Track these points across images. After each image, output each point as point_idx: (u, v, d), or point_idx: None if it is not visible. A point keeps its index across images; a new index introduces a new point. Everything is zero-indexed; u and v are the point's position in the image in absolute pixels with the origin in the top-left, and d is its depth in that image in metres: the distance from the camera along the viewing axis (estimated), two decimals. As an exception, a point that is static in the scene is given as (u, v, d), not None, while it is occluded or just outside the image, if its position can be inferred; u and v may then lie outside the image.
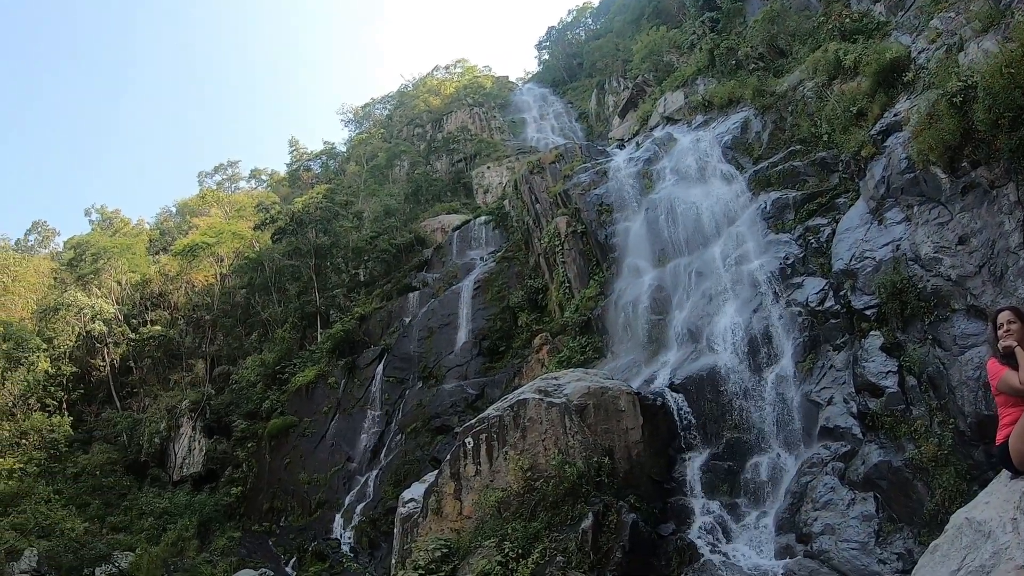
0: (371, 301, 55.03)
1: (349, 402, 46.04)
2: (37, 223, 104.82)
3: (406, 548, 21.69)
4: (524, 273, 43.11)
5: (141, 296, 73.86)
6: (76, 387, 62.73)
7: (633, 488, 18.99)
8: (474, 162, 79.30)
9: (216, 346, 64.28)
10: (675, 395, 21.73)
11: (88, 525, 45.37)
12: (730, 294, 24.16)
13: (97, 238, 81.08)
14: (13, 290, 70.99)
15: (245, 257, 67.91)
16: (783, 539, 17.23)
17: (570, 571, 16.62)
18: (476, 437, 20.80)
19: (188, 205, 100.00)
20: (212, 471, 51.63)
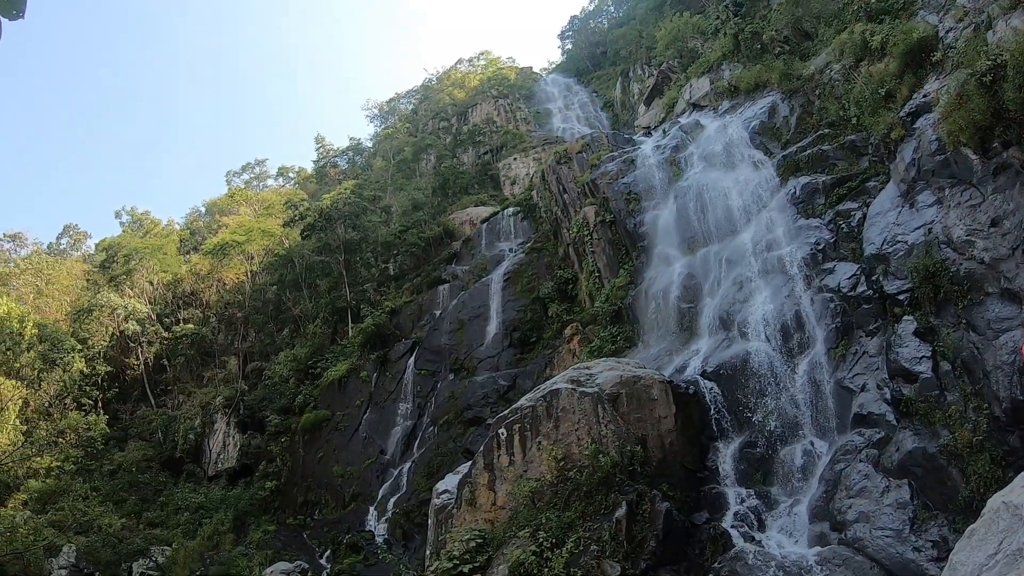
0: (401, 295, 55.29)
1: (381, 395, 46.32)
2: (68, 226, 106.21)
3: (441, 539, 21.83)
4: (553, 264, 43.10)
5: (173, 295, 74.76)
6: (111, 386, 63.74)
7: (666, 477, 19.02)
8: (500, 154, 79.28)
9: (248, 343, 64.90)
10: (708, 383, 21.66)
11: (125, 521, 46.02)
12: (761, 281, 24.03)
13: (128, 239, 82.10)
14: (47, 293, 72.21)
15: (275, 254, 68.42)
16: (817, 527, 17.16)
17: (604, 560, 16.67)
18: (509, 428, 20.87)
19: (217, 204, 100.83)
20: (246, 466, 52.18)
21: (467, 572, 18.05)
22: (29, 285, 72.90)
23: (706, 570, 16.96)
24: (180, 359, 67.33)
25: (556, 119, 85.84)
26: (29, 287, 72.54)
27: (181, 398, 63.05)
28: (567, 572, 16.65)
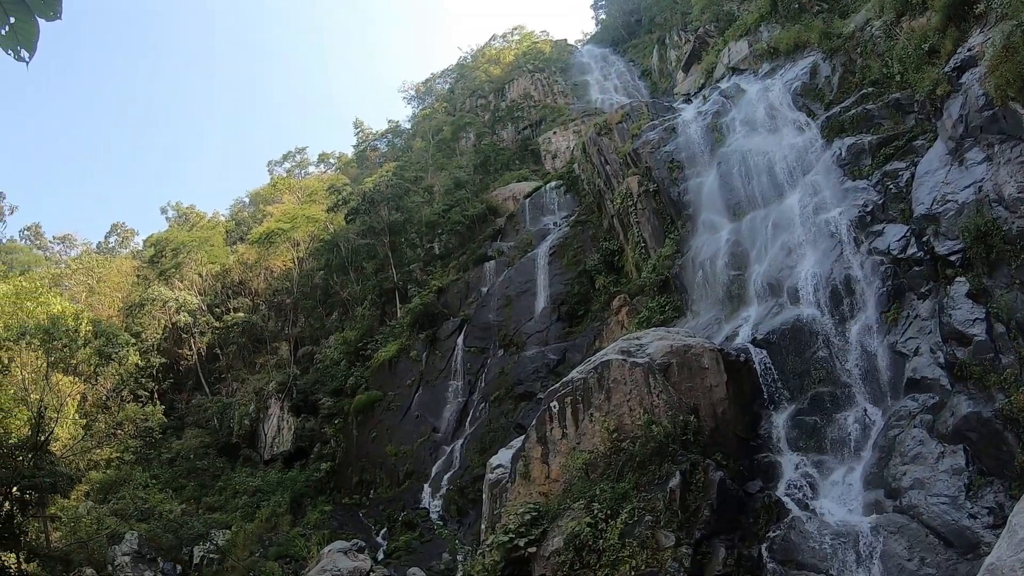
0: (448, 273, 55.58)
1: (432, 374, 46.74)
2: (116, 225, 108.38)
3: (495, 513, 22.06)
4: (598, 236, 42.99)
5: (222, 285, 76.07)
6: (166, 377, 65.27)
7: (719, 446, 19.01)
8: (539, 128, 79.02)
9: (298, 328, 65.77)
10: (758, 350, 21.50)
11: (185, 506, 47.20)
12: (809, 245, 23.70)
13: (175, 234, 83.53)
14: (99, 290, 73.82)
15: (320, 240, 69.12)
16: (871, 494, 17.03)
17: (659, 530, 16.77)
18: (561, 401, 20.96)
19: (260, 194, 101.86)
20: (301, 448, 53.09)
21: (523, 545, 18.29)
22: (81, 284, 74.61)
23: (760, 539, 16.99)
24: (232, 347, 68.56)
25: (594, 90, 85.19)
26: (81, 286, 74.21)
27: (235, 385, 64.25)
28: (622, 543, 16.79)
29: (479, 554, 21.76)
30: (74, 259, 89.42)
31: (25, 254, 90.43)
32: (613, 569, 16.59)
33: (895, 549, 15.26)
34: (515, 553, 18.40)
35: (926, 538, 15.16)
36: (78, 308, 56.93)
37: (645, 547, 16.61)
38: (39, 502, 30.35)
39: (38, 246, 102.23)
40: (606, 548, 16.93)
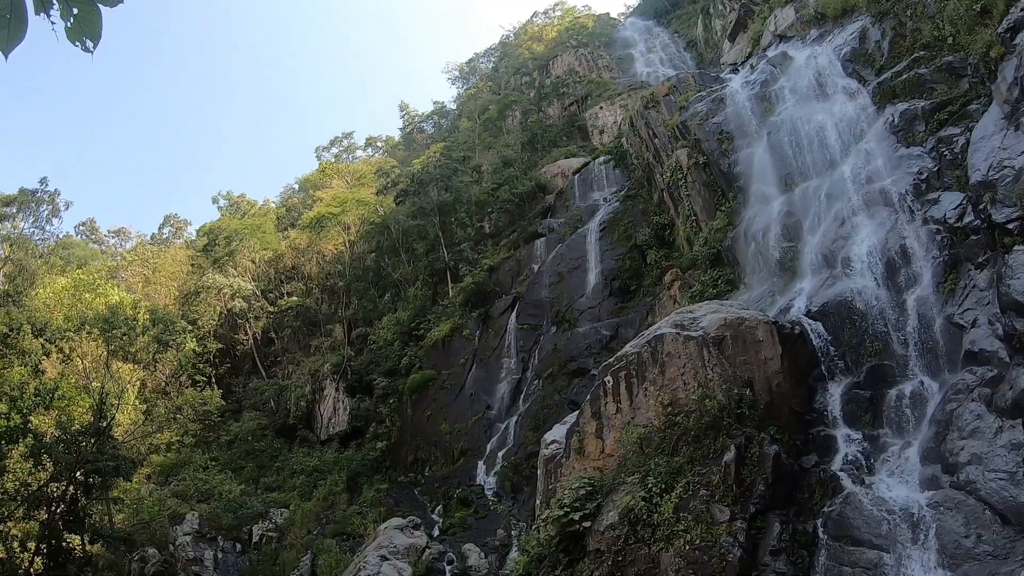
0: (498, 252, 55.72)
1: (485, 352, 46.99)
2: (169, 216, 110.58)
3: (550, 488, 22.17)
4: (649, 210, 42.73)
5: (275, 271, 77.19)
6: (223, 362, 66.66)
7: (774, 420, 18.86)
8: (586, 104, 78.49)
9: (351, 310, 66.48)
10: (813, 323, 21.19)
11: (244, 487, 48.24)
12: (863, 215, 23.22)
13: (227, 222, 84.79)
14: (155, 280, 75.45)
15: (371, 222, 69.64)
16: (928, 470, 16.74)
17: (714, 504, 16.74)
18: (615, 375, 20.94)
19: (309, 180, 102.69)
20: (357, 428, 53.82)
21: (577, 520, 18.37)
22: (137, 275, 76.33)
23: (815, 514, 16.87)
24: (287, 331, 69.60)
25: (639, 63, 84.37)
26: (137, 277, 75.94)
27: (290, 368, 65.24)
28: (676, 517, 16.80)
29: (534, 529, 21.91)
30: (129, 251, 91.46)
31: (81, 249, 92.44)
32: (667, 543, 16.61)
33: (951, 526, 15.03)
34: (570, 528, 18.49)
35: (983, 514, 14.88)
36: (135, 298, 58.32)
37: (700, 521, 16.61)
38: (102, 485, 31.23)
39: (94, 240, 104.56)
40: (661, 522, 16.96)
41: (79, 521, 30.71)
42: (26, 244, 48.55)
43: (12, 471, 31.14)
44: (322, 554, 34.49)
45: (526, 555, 20.87)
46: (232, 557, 40.61)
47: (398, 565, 30.62)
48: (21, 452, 30.71)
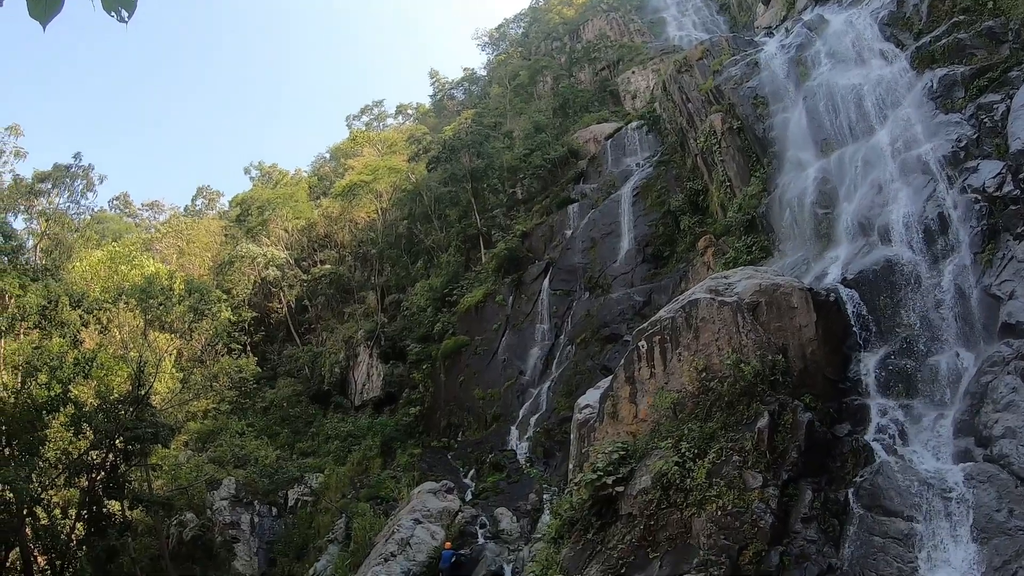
0: (531, 217, 55.73)
1: (518, 318, 47.16)
2: (201, 188, 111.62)
3: (583, 452, 22.28)
4: (682, 176, 42.48)
5: (308, 239, 77.87)
6: (257, 330, 67.64)
7: (808, 387, 18.80)
8: (617, 68, 77.86)
9: (384, 277, 66.98)
10: (848, 291, 20.95)
11: (279, 452, 49.13)
12: (901, 182, 22.81)
13: (260, 192, 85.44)
14: (189, 251, 76.42)
15: (403, 190, 69.84)
16: (961, 442, 16.62)
17: (746, 471, 16.77)
18: (649, 340, 20.94)
19: (341, 149, 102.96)
20: (390, 394, 54.45)
21: (610, 484, 18.47)
22: (171, 247, 77.29)
23: (847, 483, 16.81)
24: (320, 298, 70.30)
25: (671, 27, 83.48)
26: (171, 249, 76.89)
27: (324, 335, 66.00)
28: (709, 482, 16.85)
29: (567, 493, 22.09)
30: (163, 223, 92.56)
31: (116, 223, 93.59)
32: (700, 508, 16.67)
33: (984, 499, 14.92)
34: (603, 491, 18.62)
35: (1016, 489, 14.74)
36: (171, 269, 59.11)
37: (732, 487, 16.62)
38: (141, 452, 31.84)
39: (127, 214, 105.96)
40: (693, 487, 16.99)
41: (119, 487, 31.37)
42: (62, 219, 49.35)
43: (53, 440, 31.84)
44: (356, 517, 35.06)
45: (558, 518, 21.07)
46: (268, 521, 41.45)
47: (431, 528, 31.10)
48: (61, 421, 31.35)
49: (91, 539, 30.34)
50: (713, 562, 15.66)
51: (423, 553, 29.83)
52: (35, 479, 27.90)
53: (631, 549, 17.39)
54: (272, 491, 43.17)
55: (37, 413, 29.33)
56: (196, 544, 39.44)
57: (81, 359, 33.47)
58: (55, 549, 28.80)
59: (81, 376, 32.87)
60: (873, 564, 15.14)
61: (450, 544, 29.45)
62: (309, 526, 39.91)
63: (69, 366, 31.95)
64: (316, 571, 34.46)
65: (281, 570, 37.90)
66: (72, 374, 31.58)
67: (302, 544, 38.88)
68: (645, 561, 16.94)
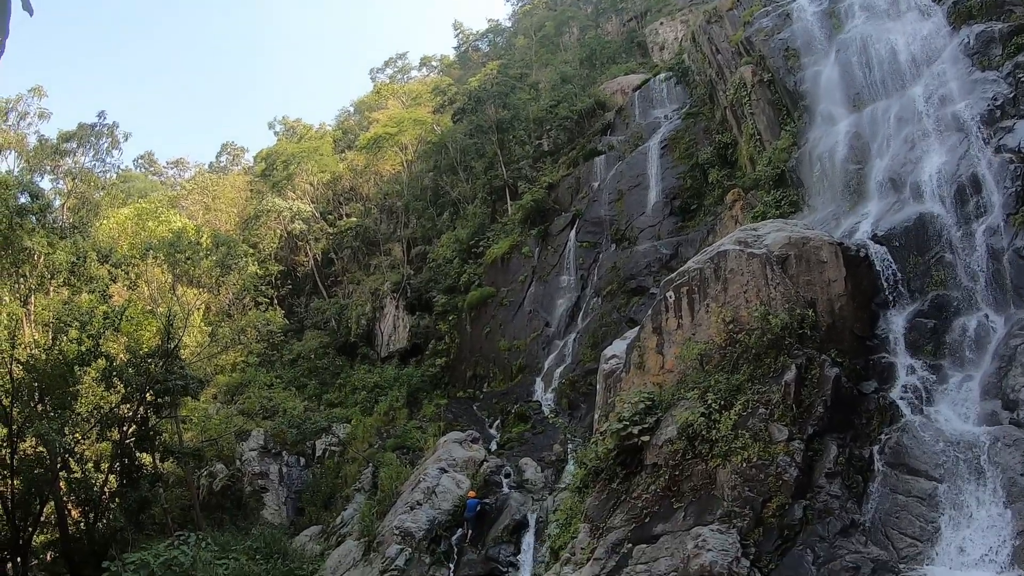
0: (557, 169, 55.47)
1: (544, 269, 47.23)
2: (226, 144, 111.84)
3: (609, 402, 22.43)
4: (711, 128, 42.09)
5: (333, 193, 78.14)
6: (284, 283, 68.41)
7: (835, 343, 18.79)
8: (645, 19, 76.83)
9: (410, 229, 67.12)
10: (878, 247, 20.77)
11: (307, 403, 49.95)
12: (934, 139, 22.50)
13: (284, 146, 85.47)
14: (215, 207, 76.93)
15: (428, 142, 69.66)
16: (988, 405, 16.61)
17: (772, 423, 16.86)
18: (677, 291, 20.96)
19: (365, 102, 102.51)
20: (416, 345, 54.90)
21: (636, 433, 18.60)
22: (197, 204, 77.82)
23: (872, 440, 16.91)
24: (346, 251, 70.67)
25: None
26: (197, 205, 77.42)
27: (351, 287, 66.43)
28: (735, 434, 16.96)
29: (592, 442, 22.25)
30: (188, 181, 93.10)
31: (141, 181, 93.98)
32: (725, 459, 16.80)
33: (1009, 462, 14.99)
34: (628, 441, 18.74)
35: (1041, 454, 14.77)
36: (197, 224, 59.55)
37: (758, 439, 16.73)
38: (171, 405, 32.34)
39: (152, 172, 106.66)
40: (719, 439, 17.12)
41: (150, 440, 31.92)
42: (88, 177, 49.70)
43: (85, 395, 32.33)
44: (383, 467, 35.60)
45: (583, 468, 21.24)
46: (296, 470, 42.17)
47: (456, 477, 31.53)
48: (92, 376, 31.77)
49: (123, 491, 30.96)
50: (737, 513, 15.84)
51: (448, 501, 30.29)
52: (68, 432, 28.37)
53: (655, 499, 17.59)
54: (300, 441, 43.89)
55: (68, 368, 29.75)
56: (226, 494, 40.30)
57: (111, 313, 33.89)
58: (88, 501, 29.44)
59: (111, 330, 33.27)
60: (895, 522, 15.27)
61: (474, 493, 29.87)
62: (336, 475, 40.57)
63: (99, 320, 32.34)
64: (343, 519, 35.08)
65: (309, 518, 38.55)
66: (102, 328, 31.97)
67: (329, 493, 39.57)
68: (669, 511, 17.15)
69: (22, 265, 35.22)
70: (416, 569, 27.95)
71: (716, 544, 15.19)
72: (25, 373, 28.72)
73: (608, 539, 17.53)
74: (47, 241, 35.23)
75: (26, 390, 28.70)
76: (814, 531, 15.37)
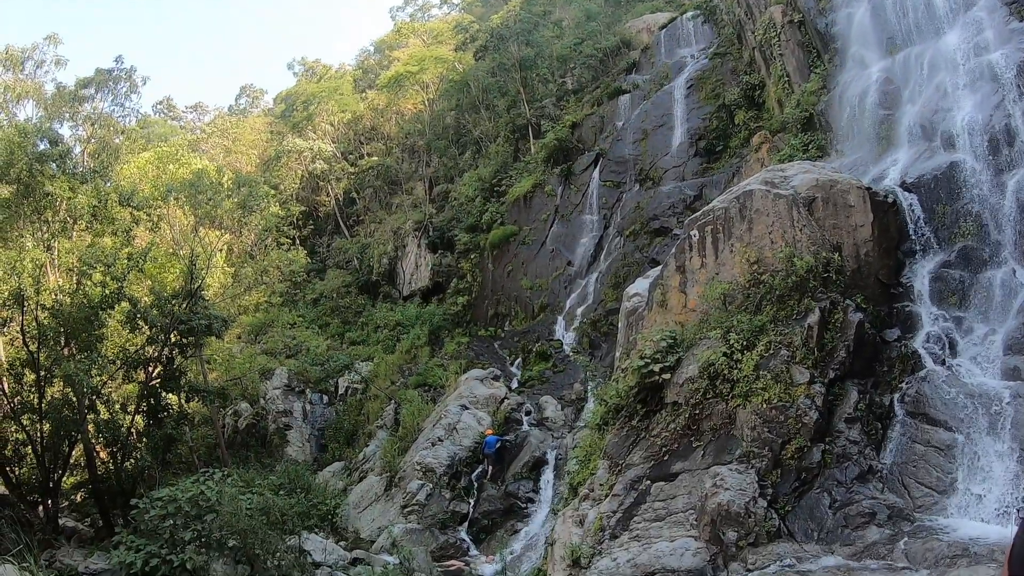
0: (581, 108, 54.99)
1: (567, 208, 47.18)
2: (245, 87, 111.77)
3: (631, 340, 22.58)
4: (739, 69, 41.45)
5: (354, 133, 77.86)
6: (306, 224, 68.74)
7: (860, 288, 18.77)
8: (673, -44, 75.05)
9: (432, 168, 66.96)
10: (907, 194, 20.55)
11: (330, 342, 50.61)
12: (967, 88, 21.94)
13: (304, 87, 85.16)
14: (235, 150, 77.03)
15: (450, 80, 68.90)
16: (1011, 360, 16.46)
17: (794, 366, 16.93)
18: (701, 229, 20.93)
19: (385, 41, 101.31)
20: (438, 284, 55.23)
21: (657, 371, 18.70)
22: (217, 147, 77.94)
23: (893, 388, 16.97)
24: (368, 191, 70.73)
25: (731, -88, 79.78)
26: (218, 148, 77.54)
27: (373, 226, 66.65)
28: (756, 374, 17.02)
29: (613, 380, 22.46)
30: (208, 124, 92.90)
31: (161, 126, 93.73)
32: (745, 400, 16.92)
33: (1030, 419, 14.96)
34: (649, 379, 18.85)
35: (1063, 412, 14.77)
36: (219, 165, 59.68)
37: (779, 381, 16.79)
38: (196, 345, 32.68)
39: (172, 117, 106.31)
40: (740, 379, 17.20)
41: (175, 380, 32.29)
42: (108, 122, 49.58)
43: (110, 338, 32.88)
44: (405, 404, 36.12)
45: (603, 405, 21.46)
46: (320, 408, 42.90)
47: (478, 414, 31.97)
48: (118, 319, 32.14)
49: (150, 431, 31.49)
50: (756, 454, 16.03)
51: (469, 438, 30.79)
52: (95, 375, 28.76)
53: (675, 437, 17.80)
54: (323, 379, 44.51)
55: (93, 311, 30.02)
56: (250, 432, 41.12)
57: (135, 255, 34.18)
58: (116, 442, 29.89)
59: (135, 271, 33.54)
60: (913, 471, 15.40)
61: (492, 431, 30.33)
62: (359, 413, 41.19)
63: (123, 263, 32.55)
64: (365, 455, 35.72)
65: (332, 455, 39.29)
66: (126, 270, 32.23)
67: (352, 430, 40.25)
68: (688, 449, 17.38)
69: (44, 211, 35.46)
70: (437, 504, 28.53)
71: (734, 483, 15.41)
72: (51, 318, 29.03)
73: (627, 476, 17.80)
74: (68, 186, 35.39)
75: (52, 335, 29.03)
76: (832, 475, 15.55)
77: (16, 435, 30.74)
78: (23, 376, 30.07)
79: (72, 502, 34.65)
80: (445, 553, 26.29)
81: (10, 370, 30.28)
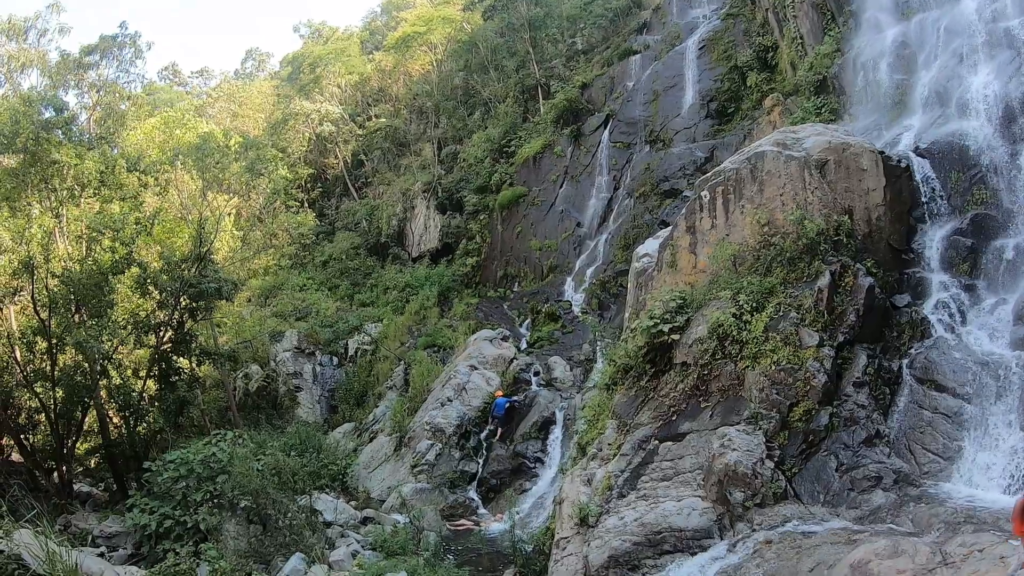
0: (591, 68, 54.65)
1: (576, 169, 47.05)
2: (251, 50, 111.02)
3: (640, 300, 22.60)
4: (752, 30, 41.01)
5: (362, 94, 77.44)
6: (314, 186, 68.75)
7: (871, 253, 18.69)
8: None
9: (440, 129, 66.61)
10: (920, 160, 20.35)
11: (339, 304, 50.82)
12: (984, 55, 21.64)
13: (311, 49, 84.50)
14: (242, 114, 76.68)
15: (458, 41, 68.36)
16: (1021, 330, 16.38)
17: (803, 328, 16.93)
18: (712, 190, 20.83)
19: (392, 2, 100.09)
20: (447, 245, 55.26)
21: (667, 331, 18.69)
22: (224, 111, 77.47)
23: (902, 354, 16.95)
24: (376, 152, 70.45)
25: None
26: (224, 113, 77.10)
27: (381, 188, 66.54)
28: (765, 336, 17.00)
29: (622, 340, 22.46)
30: (214, 89, 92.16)
31: (166, 92, 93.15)
32: (754, 361, 16.90)
33: (1038, 389, 14.96)
34: (658, 339, 18.84)
35: (1071, 383, 14.77)
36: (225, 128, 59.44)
37: (788, 343, 16.78)
38: (206, 308, 32.72)
39: (177, 83, 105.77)
40: (749, 340, 17.19)
41: (186, 344, 32.37)
42: (113, 88, 49.37)
43: (121, 304, 32.81)
44: (414, 364, 36.35)
45: (612, 365, 21.43)
46: (330, 369, 43.17)
47: (486, 374, 32.18)
48: (128, 284, 32.11)
49: (162, 395, 31.48)
50: (764, 415, 16.07)
51: (478, 398, 31.03)
52: (106, 340, 28.87)
53: (683, 397, 17.87)
54: (333, 341, 44.72)
55: (103, 277, 29.97)
56: (261, 394, 41.39)
57: (143, 220, 34.21)
58: (128, 407, 29.93)
59: (144, 236, 33.60)
60: (919, 437, 15.46)
61: (501, 392, 30.53)
62: (369, 373, 41.49)
63: (131, 227, 32.56)
64: (375, 416, 36.04)
65: (342, 416, 39.67)
66: (135, 235, 32.25)
67: (362, 391, 40.58)
68: (696, 410, 17.46)
69: (51, 179, 35.42)
70: (446, 464, 28.85)
71: (741, 444, 15.51)
72: (61, 285, 29.05)
73: (635, 436, 17.92)
74: (75, 153, 35.35)
75: (62, 302, 29.03)
76: (839, 438, 15.61)
77: (30, 403, 31.03)
78: (35, 344, 30.16)
79: (86, 467, 35.05)
80: (454, 512, 26.66)
81: (22, 338, 30.43)
